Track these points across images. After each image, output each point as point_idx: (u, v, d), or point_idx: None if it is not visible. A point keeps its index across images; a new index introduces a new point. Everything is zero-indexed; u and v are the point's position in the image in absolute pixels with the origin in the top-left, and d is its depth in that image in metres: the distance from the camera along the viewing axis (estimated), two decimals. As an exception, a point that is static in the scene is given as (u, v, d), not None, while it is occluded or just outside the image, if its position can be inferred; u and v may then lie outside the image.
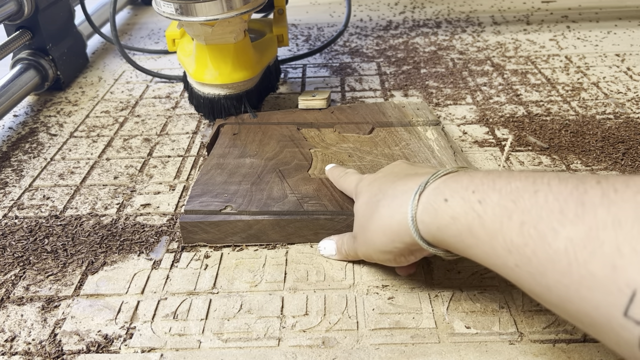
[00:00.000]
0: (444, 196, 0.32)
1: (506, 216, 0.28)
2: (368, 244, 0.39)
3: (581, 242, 0.24)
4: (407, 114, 0.62)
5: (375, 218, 0.37)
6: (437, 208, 0.32)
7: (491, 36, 0.94)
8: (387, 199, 0.37)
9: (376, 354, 0.37)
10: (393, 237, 0.36)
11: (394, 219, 0.35)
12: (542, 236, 0.26)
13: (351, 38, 0.96)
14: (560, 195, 0.26)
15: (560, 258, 0.25)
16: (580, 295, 0.24)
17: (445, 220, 0.32)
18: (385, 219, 0.36)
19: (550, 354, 0.36)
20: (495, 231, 0.29)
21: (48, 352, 0.38)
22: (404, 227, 0.35)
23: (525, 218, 0.27)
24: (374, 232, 0.38)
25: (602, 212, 0.24)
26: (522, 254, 0.27)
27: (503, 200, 0.29)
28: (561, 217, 0.26)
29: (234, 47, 0.60)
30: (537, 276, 0.26)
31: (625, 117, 0.65)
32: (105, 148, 0.64)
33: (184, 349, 0.38)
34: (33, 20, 0.75)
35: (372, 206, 0.38)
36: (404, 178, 0.37)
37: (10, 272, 0.46)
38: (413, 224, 0.34)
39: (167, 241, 0.49)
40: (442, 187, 0.33)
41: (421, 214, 0.34)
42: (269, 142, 0.57)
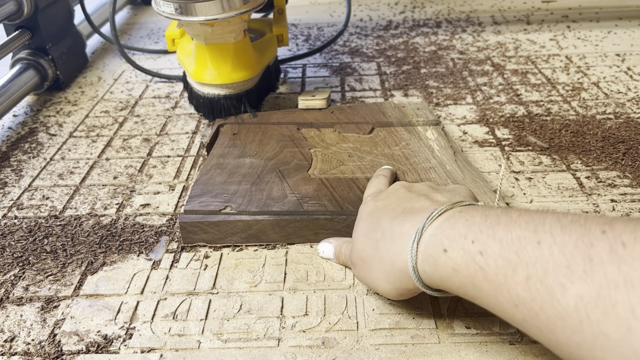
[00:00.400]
0: (442, 246, 0.31)
1: (510, 269, 0.27)
2: (370, 283, 0.38)
3: (592, 301, 0.24)
4: (407, 114, 0.62)
5: (376, 262, 0.36)
6: (437, 259, 0.32)
7: (491, 36, 0.94)
8: (386, 242, 0.36)
9: (376, 354, 0.37)
10: (396, 285, 0.35)
11: (396, 266, 0.35)
12: (550, 292, 0.25)
13: (351, 38, 0.96)
14: (566, 248, 0.26)
15: (570, 316, 0.24)
16: (593, 355, 0.24)
17: (447, 272, 0.31)
18: (387, 266, 0.35)
19: (550, 354, 0.36)
20: (499, 285, 0.28)
21: (47, 352, 0.38)
22: (406, 275, 0.34)
23: (531, 272, 0.26)
24: (377, 276, 0.37)
25: (611, 270, 0.24)
26: (529, 309, 0.26)
27: (505, 252, 0.28)
28: (569, 273, 0.25)
29: (233, 47, 0.60)
30: (546, 332, 0.26)
31: (625, 117, 0.65)
32: (104, 148, 0.64)
33: (184, 349, 0.38)
34: (32, 20, 0.75)
35: (372, 245, 0.37)
36: (400, 216, 0.36)
37: (9, 272, 0.46)
38: (415, 274, 0.33)
39: (167, 241, 0.49)
40: (438, 234, 0.32)
41: (422, 264, 0.33)
42: (269, 142, 0.57)
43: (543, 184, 0.54)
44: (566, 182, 0.54)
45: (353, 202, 0.47)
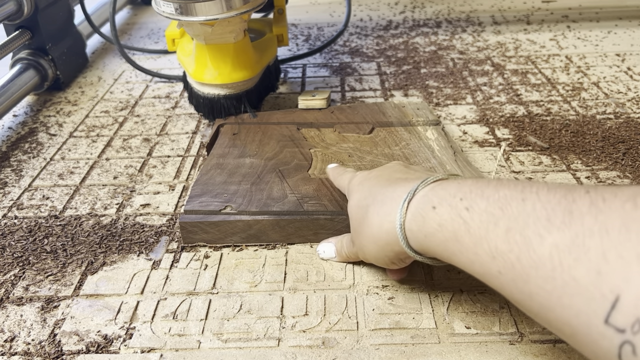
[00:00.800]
0: (432, 204, 0.32)
1: (492, 223, 0.28)
2: (362, 250, 0.39)
3: (566, 248, 0.24)
4: (407, 114, 0.62)
5: (365, 225, 0.37)
6: (425, 215, 0.32)
7: (491, 36, 0.94)
8: (376, 205, 0.36)
9: (376, 354, 0.37)
10: (383, 246, 0.36)
11: (383, 228, 0.35)
12: (528, 242, 0.26)
13: (351, 38, 0.96)
14: (549, 203, 0.26)
15: (544, 263, 0.25)
16: (562, 302, 0.24)
17: (433, 227, 0.32)
18: (374, 228, 0.36)
19: (551, 354, 0.36)
20: (480, 237, 0.29)
21: (47, 352, 0.38)
22: (392, 236, 0.35)
23: (512, 225, 0.27)
24: (366, 239, 0.38)
25: (589, 220, 0.24)
26: (505, 260, 0.27)
27: (490, 207, 0.29)
28: (548, 224, 0.25)
29: (233, 47, 0.60)
30: (520, 283, 0.26)
31: (625, 117, 0.65)
32: (104, 148, 0.64)
33: (184, 349, 0.38)
34: (33, 20, 0.75)
35: (362, 211, 0.38)
36: (393, 183, 0.37)
37: (9, 272, 0.46)
38: (401, 232, 0.34)
39: (167, 241, 0.49)
40: (430, 194, 0.33)
41: (409, 222, 0.33)
42: (269, 142, 0.57)
43: (543, 184, 0.54)
44: (566, 182, 0.54)
45: (353, 202, 0.47)
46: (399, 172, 0.39)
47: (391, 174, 0.39)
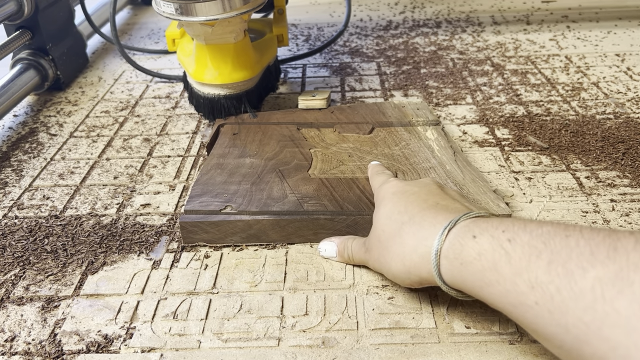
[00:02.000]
0: (472, 233, 0.32)
1: (535, 255, 0.28)
2: (382, 264, 0.39)
3: (610, 281, 0.24)
4: (407, 114, 0.62)
5: (396, 243, 0.37)
6: (464, 244, 0.32)
7: (491, 36, 0.94)
8: (413, 226, 0.36)
9: (376, 354, 0.37)
10: (410, 269, 0.36)
11: (417, 252, 0.35)
12: (569, 274, 0.26)
13: (351, 38, 0.96)
14: (592, 240, 0.27)
15: (585, 295, 0.25)
16: (600, 334, 0.24)
17: (471, 256, 0.32)
18: (407, 248, 0.36)
19: (550, 354, 0.36)
20: (520, 268, 0.29)
21: (48, 352, 0.38)
22: (425, 261, 0.35)
23: (554, 257, 0.27)
24: (393, 257, 0.37)
25: (634, 256, 0.24)
26: (545, 291, 0.27)
27: (533, 240, 0.29)
28: (591, 258, 0.26)
29: (233, 47, 0.60)
30: (557, 314, 0.26)
31: (625, 117, 0.65)
32: (105, 148, 0.64)
33: (184, 349, 0.38)
34: (33, 20, 0.75)
35: (395, 226, 0.37)
36: (433, 208, 0.37)
37: (10, 272, 0.46)
38: (436, 259, 0.34)
39: (167, 241, 0.49)
40: (471, 225, 0.33)
41: (446, 250, 0.33)
42: (269, 142, 0.57)
43: (543, 184, 0.54)
44: (566, 182, 0.54)
45: (353, 202, 0.47)
46: (437, 196, 0.39)
47: (429, 196, 0.39)
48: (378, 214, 0.40)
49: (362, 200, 0.47)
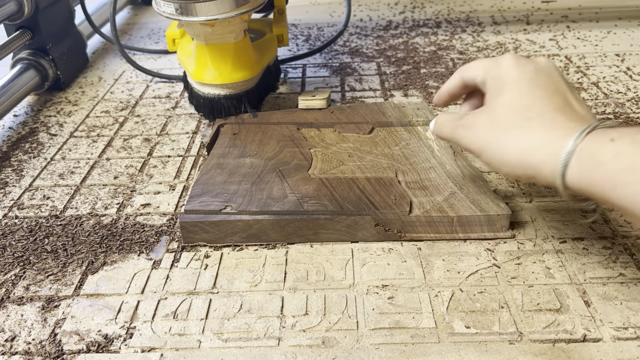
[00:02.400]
0: (610, 137, 0.33)
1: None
2: (490, 147, 0.38)
3: None
4: (407, 114, 0.62)
5: (520, 135, 0.37)
6: (601, 145, 0.33)
7: (491, 36, 0.94)
8: (544, 124, 0.36)
9: (376, 353, 0.37)
10: (531, 163, 0.36)
11: (545, 148, 0.35)
12: None
13: (351, 38, 0.96)
14: None
15: None
16: None
17: (606, 157, 0.32)
18: (535, 143, 0.36)
19: (550, 353, 0.36)
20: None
21: (48, 351, 0.38)
22: (552, 159, 0.35)
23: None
24: (512, 146, 0.37)
25: None
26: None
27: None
28: None
29: (234, 47, 0.60)
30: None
31: (625, 117, 0.65)
32: (105, 148, 0.65)
33: (184, 349, 0.38)
34: (33, 20, 0.75)
35: (520, 119, 0.37)
36: (564, 112, 0.37)
37: (10, 272, 0.46)
38: (566, 158, 0.34)
39: (167, 241, 0.49)
40: (609, 130, 0.33)
41: (580, 151, 0.33)
42: (269, 142, 0.57)
43: (543, 184, 0.54)
44: (566, 182, 0.54)
45: (353, 202, 0.47)
46: (564, 96, 0.38)
47: (557, 95, 0.38)
48: (499, 98, 0.39)
49: (362, 200, 0.48)
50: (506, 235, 0.47)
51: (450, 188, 0.49)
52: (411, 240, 0.47)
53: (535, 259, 0.45)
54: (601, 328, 0.38)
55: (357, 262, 0.45)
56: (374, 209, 0.47)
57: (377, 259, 0.45)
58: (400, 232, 0.47)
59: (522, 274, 0.43)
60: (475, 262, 0.44)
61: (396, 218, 0.46)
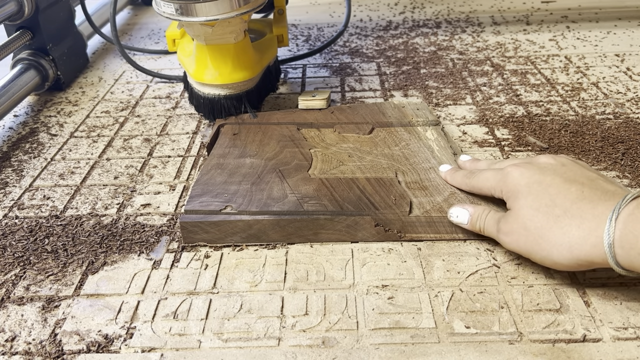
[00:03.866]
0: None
1: None
2: (536, 251, 0.40)
3: None
4: (407, 114, 0.62)
5: (556, 234, 0.38)
6: (637, 234, 0.34)
7: (491, 36, 0.94)
8: (573, 219, 0.38)
9: (376, 353, 0.37)
10: (581, 257, 0.37)
11: (588, 242, 0.37)
12: None
13: (351, 38, 0.96)
14: None
15: None
16: None
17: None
18: (574, 239, 0.37)
19: (550, 353, 0.36)
20: None
21: (48, 352, 0.38)
22: (598, 250, 0.36)
23: None
24: (555, 246, 0.38)
25: None
26: None
27: None
28: None
29: (234, 47, 0.60)
30: None
31: (624, 117, 0.66)
32: (105, 148, 0.65)
33: (184, 349, 0.38)
34: (33, 20, 0.75)
35: (548, 219, 0.39)
36: (586, 199, 0.38)
37: (10, 272, 0.46)
38: (610, 250, 0.35)
39: (167, 241, 0.49)
40: (637, 213, 0.35)
41: (619, 241, 0.35)
42: (269, 142, 0.58)
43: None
44: (565, 182, 0.54)
45: (353, 202, 0.47)
46: (577, 182, 0.40)
47: (569, 184, 0.40)
48: (518, 204, 0.41)
49: (362, 200, 0.48)
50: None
51: (450, 188, 0.49)
52: (411, 240, 0.47)
53: (535, 259, 0.45)
54: (601, 328, 0.38)
55: (357, 262, 0.45)
56: (374, 209, 0.47)
57: (377, 259, 0.45)
58: (400, 233, 0.47)
59: (522, 274, 0.43)
60: (475, 262, 0.44)
61: (396, 218, 0.46)
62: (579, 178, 0.41)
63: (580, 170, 0.42)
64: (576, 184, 0.40)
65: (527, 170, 0.42)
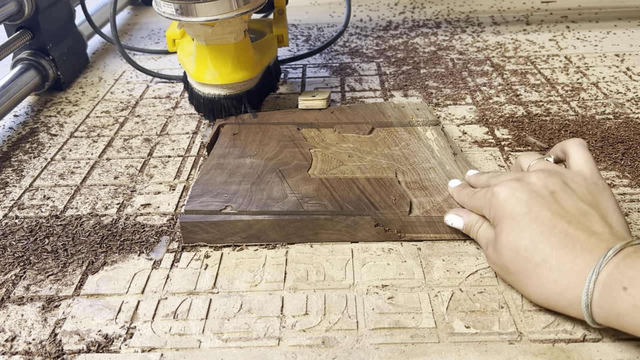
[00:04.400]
0: (622, 284, 0.33)
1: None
2: (517, 287, 0.40)
3: None
4: (407, 114, 0.62)
5: (533, 283, 0.38)
6: (616, 297, 0.33)
7: (491, 36, 0.94)
8: (552, 271, 0.36)
9: (376, 353, 0.37)
10: (557, 308, 0.37)
11: (565, 298, 0.36)
12: None
13: (351, 38, 0.96)
14: None
15: None
16: None
17: (626, 309, 0.32)
18: (551, 292, 0.37)
19: (550, 353, 0.36)
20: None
21: (48, 351, 0.38)
22: (574, 305, 0.35)
23: None
24: (533, 290, 0.38)
25: None
26: None
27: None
28: None
29: (234, 48, 0.60)
30: None
31: (624, 117, 0.66)
32: (105, 148, 0.65)
33: (184, 349, 0.38)
34: (33, 20, 0.75)
35: (527, 266, 0.38)
36: (566, 246, 0.36)
37: (10, 272, 0.46)
38: (587, 310, 0.35)
39: (167, 241, 0.49)
40: (616, 274, 0.33)
41: (597, 300, 0.34)
42: (269, 142, 0.58)
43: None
44: (565, 182, 0.54)
45: (353, 202, 0.47)
46: (561, 220, 0.37)
47: (552, 222, 0.37)
48: (501, 239, 0.39)
49: (362, 200, 0.48)
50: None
51: (450, 188, 0.49)
52: (411, 240, 0.47)
53: (535, 259, 0.45)
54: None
55: (357, 262, 0.45)
56: (373, 209, 0.47)
57: (377, 259, 0.45)
58: (400, 232, 0.47)
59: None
60: (475, 262, 0.44)
61: (396, 218, 0.46)
62: (567, 212, 0.38)
63: (570, 200, 0.39)
64: (562, 222, 0.37)
65: (514, 193, 0.40)
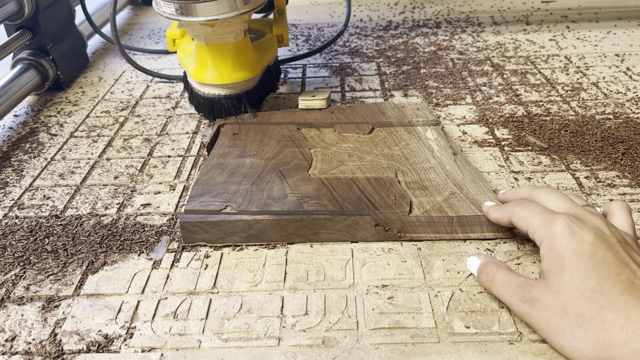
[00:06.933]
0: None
1: None
2: (568, 343, 0.36)
3: None
4: (407, 114, 0.62)
5: (595, 327, 0.34)
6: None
7: (491, 36, 0.94)
8: (617, 316, 0.34)
9: (376, 353, 0.37)
10: (616, 356, 0.33)
11: (629, 346, 0.33)
12: None
13: (351, 38, 0.96)
14: None
15: None
16: None
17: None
18: (613, 339, 0.34)
19: (550, 353, 0.36)
20: None
21: (48, 351, 0.38)
22: (637, 356, 0.33)
23: None
24: (588, 339, 0.34)
25: None
26: None
27: None
28: None
29: (234, 47, 0.60)
30: None
31: (624, 117, 0.66)
32: (105, 148, 0.65)
33: (184, 349, 0.38)
34: (33, 20, 0.75)
35: (591, 307, 0.35)
36: (636, 293, 0.34)
37: (10, 271, 0.46)
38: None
39: (167, 241, 0.49)
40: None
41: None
42: (269, 142, 0.58)
43: (542, 184, 0.54)
44: (565, 182, 0.54)
45: (353, 202, 0.47)
46: (627, 267, 0.36)
47: (623, 262, 0.36)
48: (562, 277, 0.36)
49: (362, 200, 0.48)
50: (506, 235, 0.47)
51: (450, 188, 0.49)
52: (411, 240, 0.47)
53: (535, 258, 0.45)
54: (601, 328, 0.38)
55: (357, 262, 0.45)
56: (374, 209, 0.47)
57: (377, 259, 0.45)
58: (400, 232, 0.47)
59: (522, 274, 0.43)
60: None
61: (396, 218, 0.46)
62: (632, 262, 0.36)
63: (633, 252, 0.37)
64: (628, 270, 0.36)
65: (579, 232, 0.37)
